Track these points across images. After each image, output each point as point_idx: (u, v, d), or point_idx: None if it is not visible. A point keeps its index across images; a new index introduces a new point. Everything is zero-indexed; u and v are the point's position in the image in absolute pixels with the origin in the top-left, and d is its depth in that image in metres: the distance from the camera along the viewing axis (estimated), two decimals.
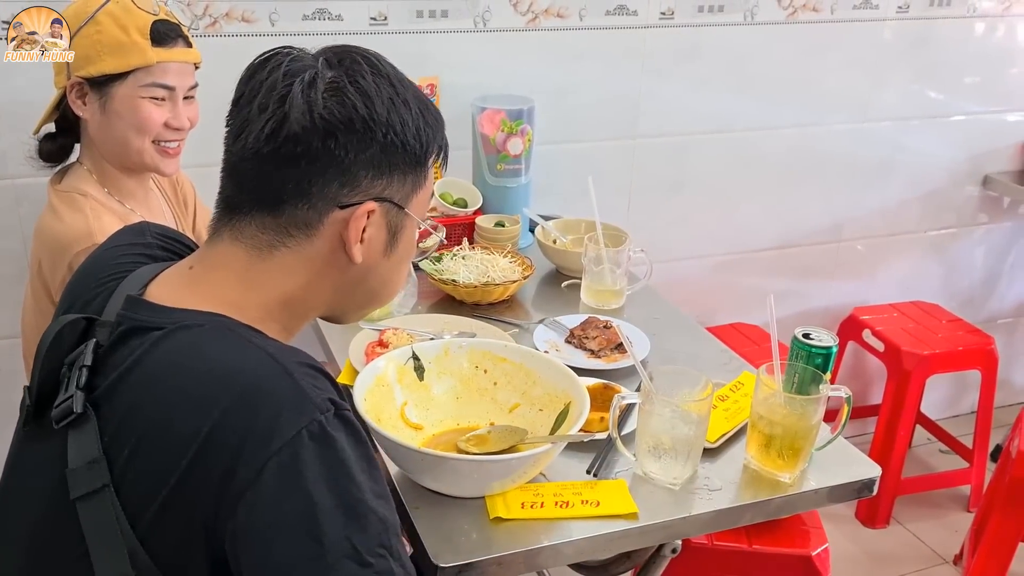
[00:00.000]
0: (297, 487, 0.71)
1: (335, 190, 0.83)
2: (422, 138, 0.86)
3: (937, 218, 2.61)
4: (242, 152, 0.83)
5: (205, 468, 0.72)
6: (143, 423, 0.77)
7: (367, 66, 0.84)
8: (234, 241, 0.85)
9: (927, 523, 2.44)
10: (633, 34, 2.06)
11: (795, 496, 1.20)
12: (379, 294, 0.94)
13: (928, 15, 2.31)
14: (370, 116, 0.81)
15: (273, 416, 0.73)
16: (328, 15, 1.80)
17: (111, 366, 0.80)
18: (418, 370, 1.25)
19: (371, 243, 0.87)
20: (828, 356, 1.24)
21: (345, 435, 0.75)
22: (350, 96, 0.81)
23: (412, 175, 0.87)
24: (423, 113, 0.86)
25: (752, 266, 2.45)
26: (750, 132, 2.28)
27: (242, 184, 0.85)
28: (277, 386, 0.75)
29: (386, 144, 0.83)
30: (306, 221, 0.84)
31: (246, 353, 0.78)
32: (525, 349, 1.29)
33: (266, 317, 0.86)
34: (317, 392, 0.76)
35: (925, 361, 2.28)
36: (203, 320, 0.81)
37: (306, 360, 0.80)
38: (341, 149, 0.81)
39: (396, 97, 0.83)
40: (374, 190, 0.85)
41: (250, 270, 0.85)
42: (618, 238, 1.72)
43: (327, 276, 0.87)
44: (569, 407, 1.19)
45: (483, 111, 1.84)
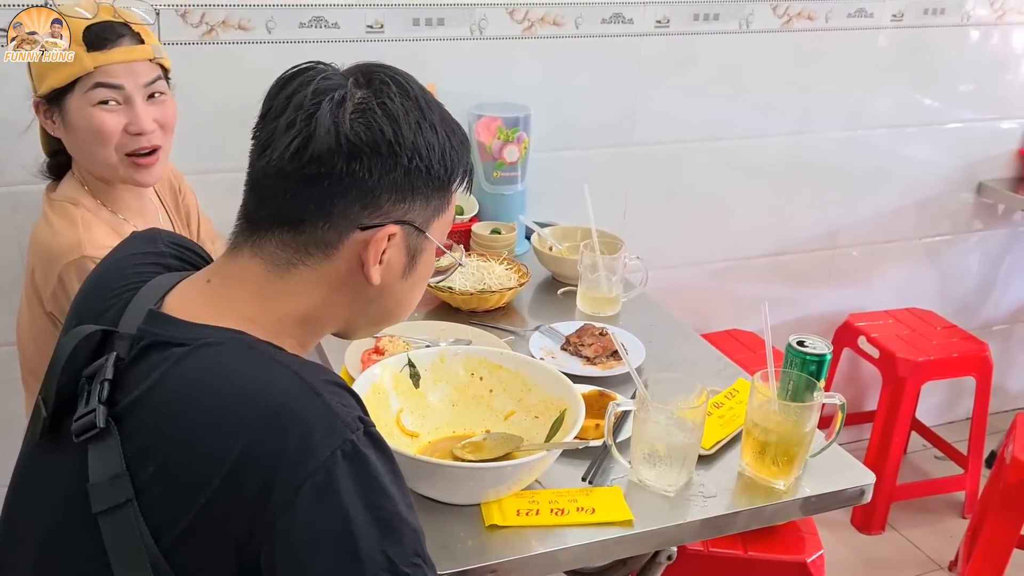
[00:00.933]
0: (333, 506, 0.72)
1: (357, 212, 0.83)
2: (447, 163, 0.86)
3: (932, 225, 2.62)
4: (266, 168, 0.83)
5: (237, 489, 0.73)
6: (170, 441, 0.76)
7: (396, 88, 0.83)
8: (253, 257, 0.85)
9: (922, 529, 2.44)
10: (629, 42, 2.07)
11: (790, 503, 1.20)
12: (392, 313, 0.94)
13: (922, 23, 2.33)
14: (396, 140, 0.81)
15: (305, 436, 0.73)
16: (325, 23, 1.80)
17: (132, 381, 0.80)
18: (414, 377, 1.26)
19: (390, 265, 0.87)
20: (822, 363, 1.24)
21: (375, 451, 0.76)
22: (377, 119, 0.81)
23: (435, 199, 0.87)
24: (449, 137, 0.86)
25: (747, 273, 2.45)
26: (745, 140, 2.29)
27: (264, 200, 0.84)
28: (306, 405, 0.75)
29: (411, 168, 0.83)
30: (326, 241, 0.84)
31: (272, 371, 0.78)
32: (521, 356, 1.29)
33: (282, 332, 0.86)
34: (345, 411, 0.76)
35: (920, 368, 2.29)
36: (225, 337, 0.81)
37: (331, 377, 0.80)
38: (365, 171, 0.81)
39: (423, 121, 0.83)
40: (396, 213, 0.84)
41: (268, 286, 0.85)
42: (614, 245, 1.72)
43: (343, 295, 0.87)
44: (564, 414, 1.19)
45: (479, 119, 1.85)
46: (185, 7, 1.70)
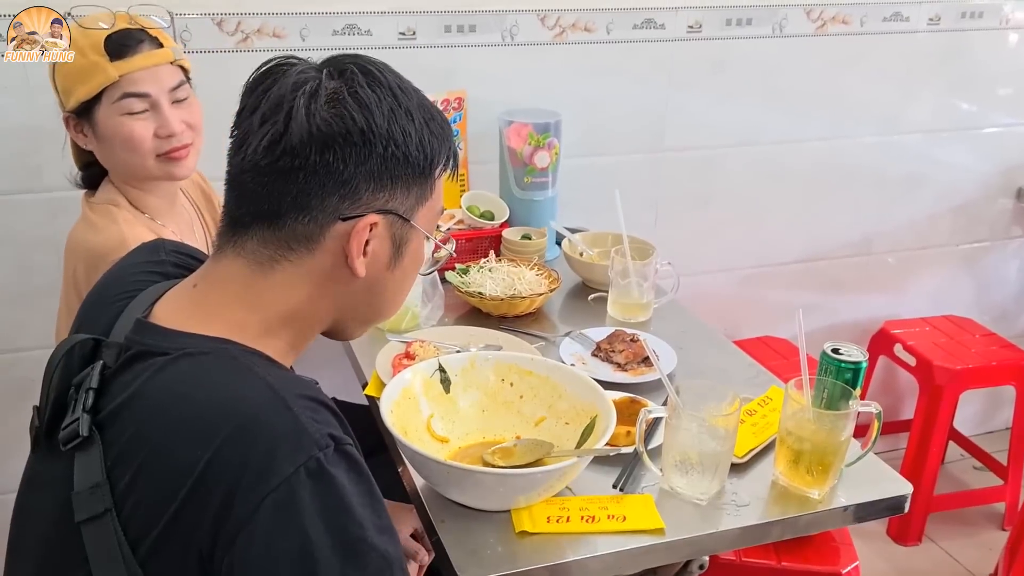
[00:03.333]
0: (293, 525, 0.70)
1: (336, 203, 0.82)
2: (426, 149, 0.85)
3: (969, 231, 2.58)
4: (242, 164, 0.82)
5: (202, 500, 0.72)
6: (144, 450, 0.76)
7: (367, 77, 0.82)
8: (236, 256, 0.84)
9: (960, 541, 2.40)
10: (660, 47, 2.06)
11: (824, 513, 1.18)
12: (382, 308, 0.93)
13: (960, 27, 2.29)
14: (369, 128, 0.80)
15: (270, 450, 0.72)
16: (357, 30, 1.82)
17: (116, 389, 0.80)
18: (444, 383, 1.26)
19: (375, 256, 0.86)
20: (858, 371, 1.22)
21: (345, 470, 0.74)
22: (348, 108, 0.80)
23: (417, 187, 0.86)
24: (427, 123, 0.85)
25: (780, 279, 2.43)
26: (778, 145, 2.27)
27: (243, 197, 0.84)
28: (276, 419, 0.74)
29: (387, 156, 0.82)
30: (307, 235, 0.83)
31: (247, 383, 0.77)
32: (551, 362, 1.29)
33: (268, 334, 0.85)
34: (316, 427, 0.74)
35: (958, 376, 2.25)
36: (207, 347, 0.80)
37: (308, 392, 0.78)
38: (340, 162, 0.80)
39: (397, 108, 0.82)
40: (376, 203, 0.83)
41: (252, 286, 0.84)
42: (645, 251, 1.72)
43: (329, 290, 0.86)
44: (595, 421, 1.18)
45: (510, 124, 1.85)
46: (221, 16, 1.72)
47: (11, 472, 1.94)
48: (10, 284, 1.79)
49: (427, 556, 1.42)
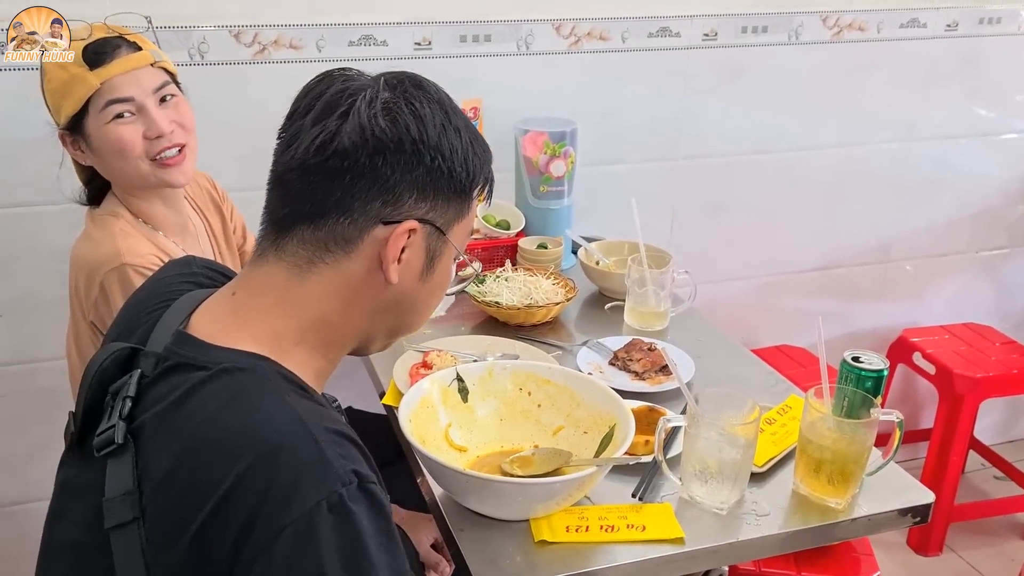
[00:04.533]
0: (311, 557, 0.71)
1: (378, 207, 0.83)
2: (469, 167, 0.86)
3: (988, 238, 2.56)
4: (289, 163, 0.84)
5: (224, 521, 0.72)
6: (173, 464, 0.77)
7: (423, 92, 0.85)
8: (277, 260, 0.85)
9: (982, 551, 2.37)
10: (676, 55, 2.06)
11: (845, 522, 1.17)
12: (408, 321, 0.94)
13: (977, 32, 2.28)
14: (420, 139, 0.82)
15: (293, 481, 0.72)
16: (374, 41, 1.83)
17: (152, 399, 0.81)
18: (462, 392, 1.26)
19: (408, 265, 0.87)
20: (879, 380, 1.21)
21: (366, 508, 0.74)
22: (404, 116, 0.82)
23: (456, 203, 0.88)
24: (472, 144, 0.87)
25: (797, 287, 2.42)
26: (794, 152, 2.26)
27: (286, 196, 0.85)
28: (302, 449, 0.74)
29: (433, 168, 0.84)
30: (346, 236, 0.84)
31: (277, 409, 0.78)
32: (569, 371, 1.28)
33: (303, 342, 0.86)
34: (342, 462, 0.74)
35: (978, 384, 2.23)
36: (245, 363, 0.81)
37: (336, 426, 0.79)
38: (388, 167, 0.82)
39: (448, 124, 0.84)
40: (417, 211, 0.85)
41: (290, 291, 0.85)
42: (661, 259, 1.71)
43: (362, 299, 0.87)
44: (614, 429, 1.18)
45: (526, 133, 1.85)
46: (238, 28, 1.74)
47: (34, 480, 1.97)
48: (32, 294, 1.80)
49: (448, 567, 1.42)
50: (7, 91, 1.65)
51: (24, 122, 1.68)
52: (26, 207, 1.75)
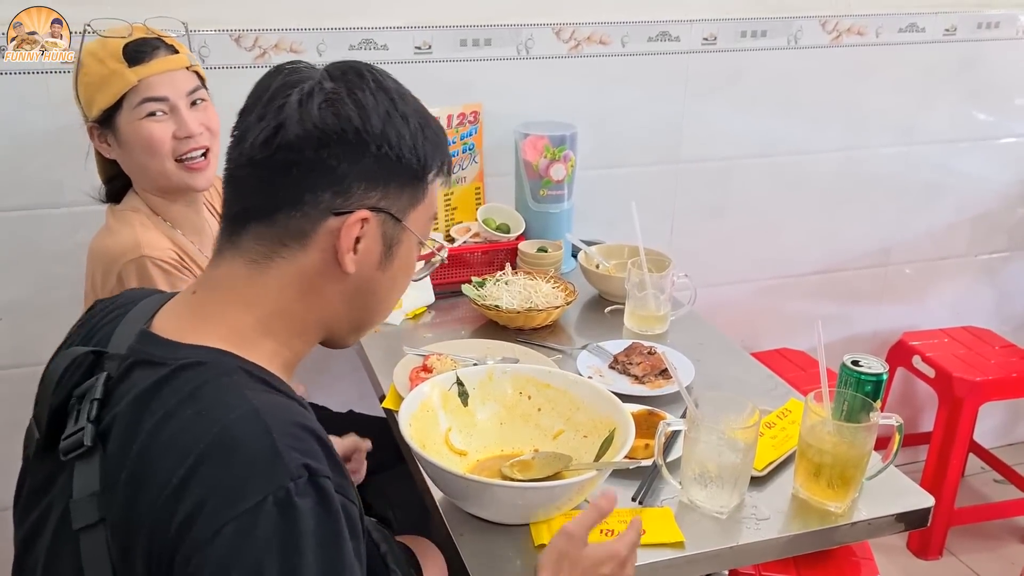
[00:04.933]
0: (249, 556, 0.70)
1: (328, 199, 0.83)
2: (419, 153, 0.86)
3: (988, 242, 2.56)
4: (239, 159, 0.84)
5: (171, 513, 0.72)
6: (132, 462, 0.76)
7: (368, 80, 0.84)
8: (235, 257, 0.86)
9: (982, 555, 2.37)
10: (675, 59, 2.06)
11: (845, 526, 1.17)
12: (374, 311, 0.93)
13: (976, 37, 2.28)
14: (364, 128, 0.82)
15: (242, 475, 0.72)
16: (374, 45, 1.83)
17: (116, 399, 0.81)
18: (462, 396, 1.26)
19: (365, 254, 0.86)
20: (879, 384, 1.22)
21: (314, 503, 0.73)
22: (345, 108, 0.82)
23: (410, 189, 0.87)
24: (423, 129, 0.86)
25: (797, 291, 2.42)
26: (795, 156, 2.26)
27: (239, 193, 0.86)
28: (254, 443, 0.73)
29: (380, 156, 0.83)
30: (300, 230, 0.84)
31: (234, 403, 0.77)
32: (569, 375, 1.29)
33: (267, 334, 0.85)
34: (294, 456, 0.73)
35: (978, 388, 2.23)
36: (206, 358, 0.81)
37: (296, 419, 0.78)
38: (334, 159, 0.82)
39: (394, 111, 0.84)
40: (368, 201, 0.85)
41: (250, 286, 0.85)
42: (661, 263, 1.71)
43: (322, 290, 0.87)
44: (614, 433, 1.18)
45: (526, 137, 1.86)
46: (239, 32, 1.74)
47: None
48: (32, 298, 1.80)
49: None
50: (6, 95, 1.66)
51: (23, 126, 1.69)
52: (26, 211, 1.75)
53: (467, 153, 1.93)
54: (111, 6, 1.58)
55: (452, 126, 1.87)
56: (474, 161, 1.94)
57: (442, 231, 1.95)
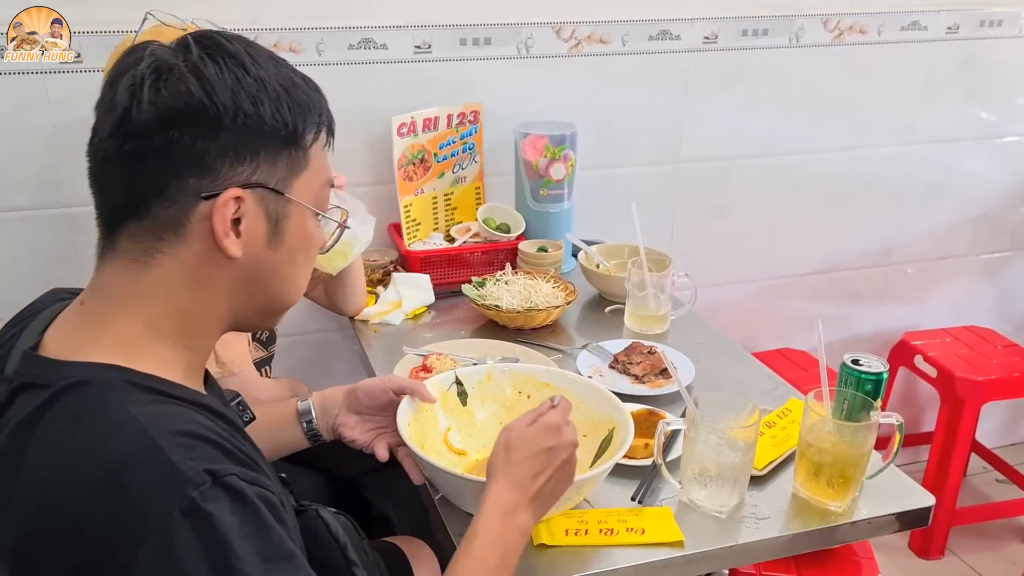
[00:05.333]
0: (175, 571, 0.67)
1: (194, 183, 0.77)
2: (285, 117, 0.80)
3: (990, 241, 2.56)
4: (95, 156, 0.79)
5: (79, 550, 0.69)
6: (24, 493, 0.73)
7: (210, 50, 0.78)
8: (114, 260, 0.81)
9: (984, 555, 2.36)
10: (676, 59, 2.06)
11: (845, 526, 1.17)
12: (279, 293, 0.87)
13: (978, 35, 2.28)
14: (210, 101, 0.76)
15: (142, 497, 0.68)
16: (373, 44, 1.83)
17: (3, 425, 0.77)
18: (461, 395, 1.26)
19: (250, 235, 0.80)
20: (879, 383, 1.21)
21: (228, 503, 0.70)
22: (187, 83, 0.76)
23: (287, 157, 0.81)
24: (287, 91, 0.80)
25: (798, 291, 2.41)
26: (795, 155, 2.26)
27: (104, 192, 0.80)
28: (144, 462, 0.70)
29: (237, 128, 0.77)
30: (173, 221, 0.78)
31: (119, 424, 0.72)
32: (568, 374, 1.28)
33: (160, 338, 0.80)
34: (191, 464, 0.70)
35: (980, 387, 2.22)
36: (89, 376, 0.76)
37: (183, 427, 0.73)
38: (187, 138, 0.76)
39: (245, 77, 0.78)
40: (237, 177, 0.79)
41: (134, 288, 0.80)
42: (662, 263, 1.71)
43: (212, 280, 0.81)
44: (613, 433, 1.18)
45: (526, 137, 1.85)
46: (238, 31, 1.73)
47: None
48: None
49: None
50: (6, 96, 1.66)
51: (22, 127, 1.69)
52: (24, 211, 1.75)
53: (467, 153, 1.92)
54: (111, 6, 1.59)
55: (452, 126, 1.87)
56: (474, 161, 1.94)
57: (442, 231, 1.95)
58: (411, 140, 1.81)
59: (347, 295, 1.69)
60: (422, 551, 1.35)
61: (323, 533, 1.03)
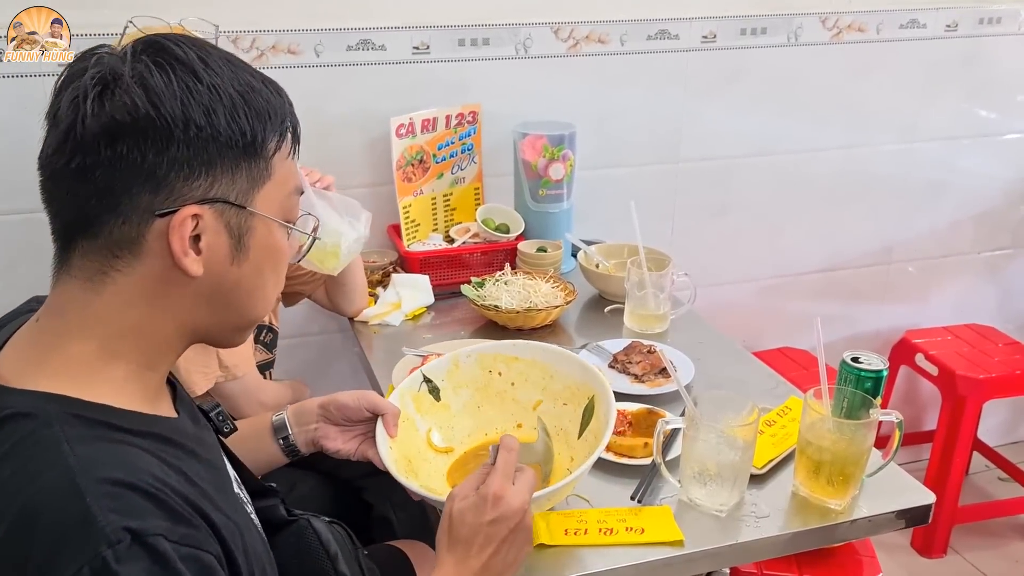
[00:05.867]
0: None
1: (147, 199, 0.73)
2: (242, 126, 0.75)
3: (991, 239, 2.55)
4: (44, 172, 0.76)
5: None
6: None
7: (159, 56, 0.74)
8: (68, 278, 0.76)
9: (986, 553, 2.36)
10: (675, 58, 2.06)
11: (846, 524, 1.17)
12: (246, 308, 0.83)
13: (977, 32, 2.27)
14: (158, 113, 0.72)
15: (52, 548, 0.63)
16: (372, 46, 1.83)
17: None
18: (433, 392, 1.23)
19: (212, 252, 0.76)
20: (878, 380, 1.21)
21: (145, 567, 0.64)
22: (131, 94, 0.71)
23: (246, 168, 0.77)
24: (243, 96, 0.76)
25: (799, 290, 2.41)
26: (795, 154, 2.26)
27: (56, 208, 0.76)
28: (63, 511, 0.65)
29: (190, 140, 0.73)
30: (127, 239, 0.74)
31: (47, 465, 0.68)
32: (534, 344, 1.25)
33: (115, 357, 0.76)
34: (112, 518, 0.64)
35: (981, 386, 2.22)
36: (31, 408, 0.71)
37: (117, 474, 0.67)
38: (136, 153, 0.72)
39: (196, 85, 0.73)
40: (195, 192, 0.74)
41: (88, 306, 0.76)
42: (661, 262, 1.71)
43: (172, 297, 0.77)
44: (594, 402, 1.16)
45: (525, 137, 1.85)
46: (236, 33, 1.74)
47: None
48: None
49: None
50: (7, 98, 1.66)
51: (24, 129, 1.69)
52: (27, 214, 1.75)
53: (466, 153, 1.92)
54: (110, 7, 1.59)
55: (451, 126, 1.87)
56: (473, 161, 1.94)
57: (441, 232, 1.95)
58: (410, 141, 1.82)
59: (348, 295, 1.69)
60: (426, 555, 1.35)
61: (314, 544, 1.01)
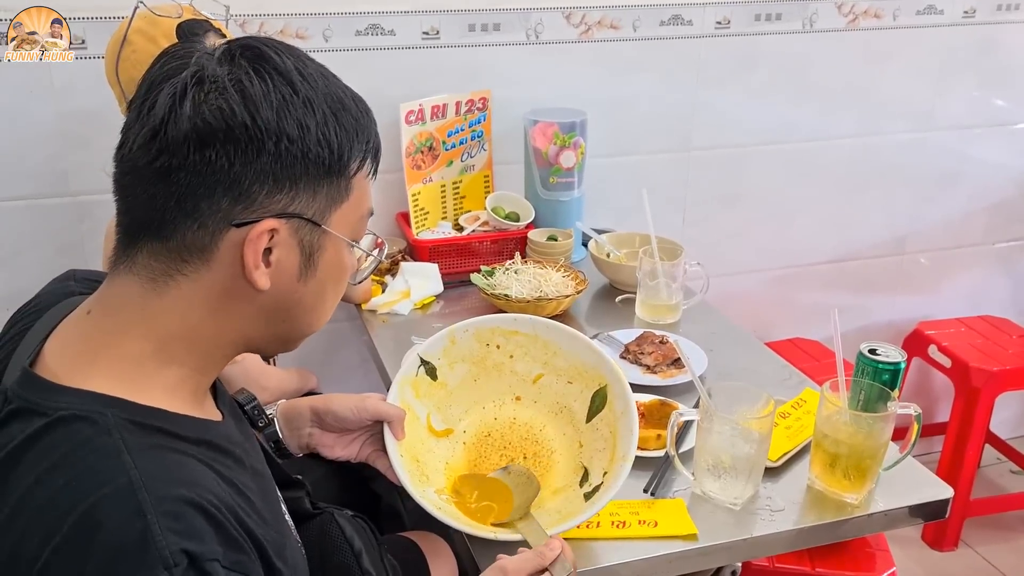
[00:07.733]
0: None
1: (227, 207, 0.72)
2: (332, 146, 0.74)
3: (1005, 230, 2.52)
4: (122, 166, 0.74)
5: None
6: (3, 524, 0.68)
7: (259, 63, 0.72)
8: (129, 274, 0.75)
9: (998, 546, 2.34)
10: (688, 44, 2.03)
11: (862, 518, 1.15)
12: (303, 324, 0.82)
13: (995, 19, 2.24)
14: (253, 122, 0.70)
15: (106, 567, 0.62)
16: (381, 30, 1.81)
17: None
18: (430, 372, 1.19)
19: (281, 267, 0.76)
20: (896, 372, 1.19)
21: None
22: (229, 100, 0.70)
23: (327, 187, 0.76)
24: (336, 115, 0.75)
25: (811, 280, 2.39)
26: (809, 143, 2.23)
27: (128, 204, 0.75)
28: (120, 527, 0.63)
29: (280, 154, 0.72)
30: (199, 245, 0.73)
31: (107, 476, 0.66)
32: (537, 319, 1.20)
33: (171, 362, 0.76)
34: (170, 539, 0.63)
35: (995, 377, 2.20)
36: (87, 411, 0.70)
37: (181, 492, 0.66)
38: (224, 160, 0.70)
39: (293, 98, 0.72)
40: (275, 206, 0.73)
41: (147, 307, 0.74)
42: (673, 251, 1.69)
43: (234, 308, 0.76)
44: (606, 392, 1.13)
45: (535, 124, 1.83)
46: (243, 17, 1.72)
47: None
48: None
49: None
50: (10, 85, 1.64)
51: (27, 115, 1.68)
52: (30, 200, 1.74)
53: (476, 141, 1.90)
54: None
55: (460, 113, 1.85)
56: (483, 149, 1.92)
57: (451, 220, 1.93)
58: (419, 128, 1.79)
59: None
60: (440, 547, 1.33)
61: (338, 539, 1.01)
